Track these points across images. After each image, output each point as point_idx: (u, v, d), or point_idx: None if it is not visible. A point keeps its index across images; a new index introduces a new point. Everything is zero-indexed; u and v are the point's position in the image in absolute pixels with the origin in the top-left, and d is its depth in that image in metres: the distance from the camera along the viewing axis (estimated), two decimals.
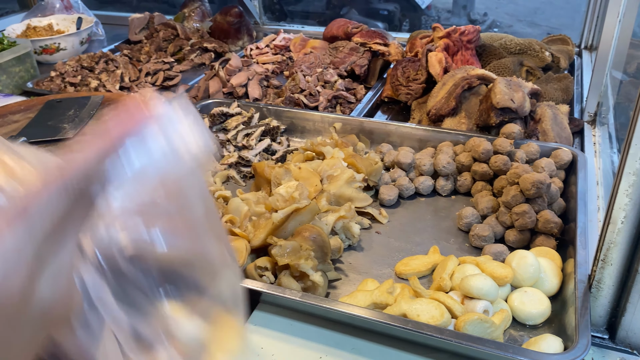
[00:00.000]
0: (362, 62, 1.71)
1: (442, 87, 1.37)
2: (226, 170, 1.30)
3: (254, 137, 1.37)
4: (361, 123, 1.37)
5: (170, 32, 2.05)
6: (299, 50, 1.91)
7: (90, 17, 2.15)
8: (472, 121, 1.31)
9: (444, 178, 1.18)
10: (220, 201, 1.14)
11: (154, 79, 1.77)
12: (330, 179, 1.13)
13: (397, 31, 5.54)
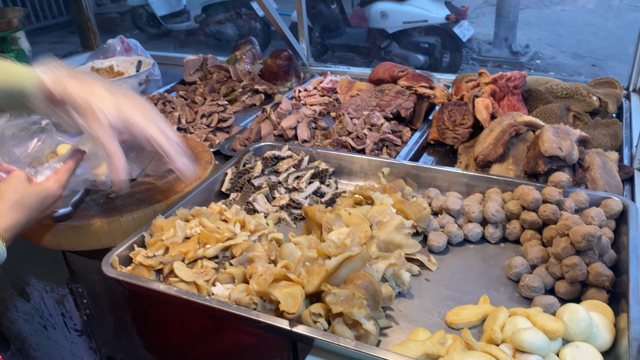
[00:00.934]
0: (408, 105, 1.76)
1: (489, 133, 1.40)
2: (278, 212, 1.35)
3: (304, 180, 1.42)
4: (408, 167, 1.41)
5: (223, 74, 2.15)
6: (346, 92, 1.97)
7: (149, 59, 2.28)
8: (520, 168, 1.33)
9: (492, 226, 1.20)
10: (274, 244, 1.19)
11: (209, 120, 1.86)
12: (380, 225, 1.17)
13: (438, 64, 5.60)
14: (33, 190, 1.07)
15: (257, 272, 1.00)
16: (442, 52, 5.67)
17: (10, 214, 1.02)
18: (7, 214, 1.02)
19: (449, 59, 5.77)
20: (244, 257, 1.13)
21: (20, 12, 2.22)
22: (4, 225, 1.00)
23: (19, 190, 1.05)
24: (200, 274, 1.06)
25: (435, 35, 5.61)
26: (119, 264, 1.12)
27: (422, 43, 5.66)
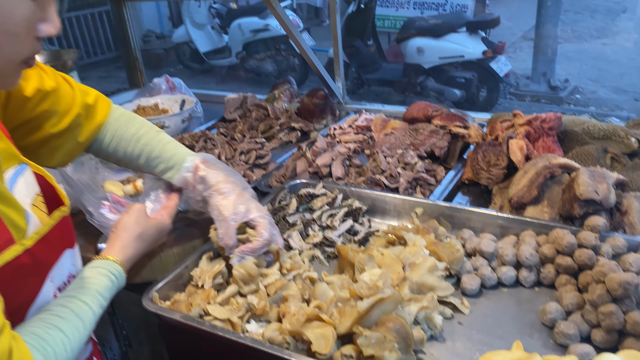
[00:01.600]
0: (442, 144, 1.77)
1: (523, 175, 1.40)
2: (311, 250, 1.38)
3: (337, 218, 1.45)
4: (442, 208, 1.41)
5: (262, 112, 2.22)
6: (380, 130, 2.00)
7: (192, 97, 2.38)
8: (555, 210, 1.32)
9: (527, 269, 1.19)
10: (307, 282, 1.21)
11: (247, 157, 1.92)
12: (413, 266, 1.18)
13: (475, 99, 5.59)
14: (152, 223, 1.16)
15: (290, 311, 1.03)
16: (479, 87, 5.67)
17: (133, 246, 1.10)
18: (130, 246, 1.10)
19: (485, 94, 5.76)
20: (278, 295, 1.15)
21: (74, 54, 2.37)
22: (127, 256, 1.08)
23: (141, 223, 1.13)
24: (234, 311, 1.09)
25: (471, 70, 5.63)
26: (159, 298, 1.16)
27: (458, 78, 5.68)
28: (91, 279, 0.97)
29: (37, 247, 0.85)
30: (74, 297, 0.91)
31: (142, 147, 1.26)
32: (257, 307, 1.09)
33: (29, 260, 0.84)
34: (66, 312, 0.87)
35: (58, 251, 0.95)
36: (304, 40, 2.24)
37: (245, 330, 1.09)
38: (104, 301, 0.96)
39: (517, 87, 6.55)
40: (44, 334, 0.81)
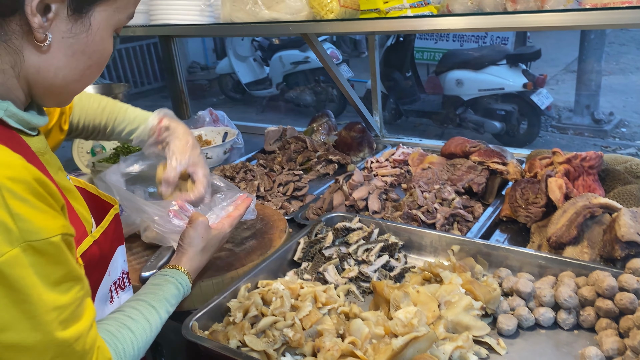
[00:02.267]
0: (480, 180, 1.77)
1: (562, 214, 1.38)
2: (347, 284, 1.39)
3: (373, 253, 1.46)
4: (479, 245, 1.41)
5: (300, 144, 2.28)
6: (417, 165, 2.02)
7: (234, 130, 2.46)
8: (596, 251, 1.30)
9: (565, 311, 1.17)
10: (342, 317, 1.23)
11: (285, 189, 1.96)
12: (448, 305, 1.18)
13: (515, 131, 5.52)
14: (214, 235, 1.30)
15: (325, 346, 1.04)
16: (520, 119, 5.62)
17: (197, 258, 1.25)
18: (195, 258, 1.25)
19: (526, 127, 5.69)
20: (314, 329, 1.17)
21: (125, 88, 2.51)
22: (192, 268, 1.23)
23: (205, 236, 1.27)
24: (270, 343, 1.11)
25: (512, 102, 5.59)
26: (198, 328, 1.20)
27: (498, 110, 5.64)
28: (161, 285, 1.11)
29: (101, 239, 0.99)
30: (145, 301, 1.04)
31: (107, 116, 1.44)
32: (293, 340, 1.11)
33: (97, 252, 0.98)
34: (136, 314, 0.99)
35: (114, 246, 1.09)
36: (341, 73, 2.30)
37: None
38: (171, 307, 1.10)
39: (559, 119, 6.44)
40: (117, 332, 0.93)
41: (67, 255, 0.78)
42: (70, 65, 0.86)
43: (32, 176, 0.75)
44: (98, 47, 0.88)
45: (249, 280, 1.35)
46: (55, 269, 0.76)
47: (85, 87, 0.94)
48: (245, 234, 1.60)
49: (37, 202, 0.75)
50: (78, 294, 0.81)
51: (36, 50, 0.82)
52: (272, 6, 1.90)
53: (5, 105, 0.83)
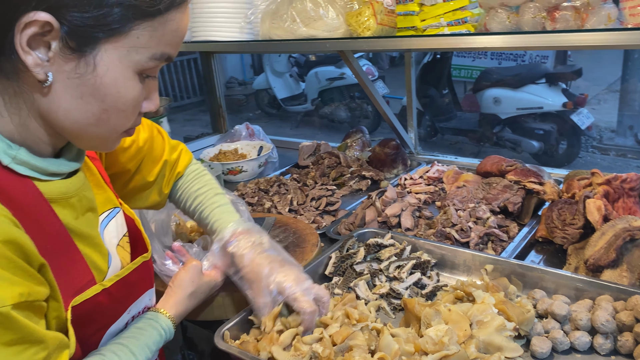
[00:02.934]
0: (516, 200, 1.75)
1: (601, 236, 1.35)
2: (378, 300, 1.39)
3: (405, 270, 1.46)
4: (514, 266, 1.38)
5: (334, 160, 2.29)
6: (452, 182, 2.01)
7: (269, 144, 2.50)
8: (635, 275, 1.26)
9: (602, 336, 1.14)
10: (374, 333, 1.22)
11: (317, 203, 1.98)
12: (480, 324, 1.16)
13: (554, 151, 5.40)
14: (205, 281, 1.24)
15: None
16: (559, 139, 5.49)
17: (185, 303, 1.19)
18: (182, 303, 1.18)
19: (565, 147, 5.56)
20: (345, 344, 1.17)
21: (167, 102, 2.58)
22: (178, 312, 1.16)
23: (196, 281, 1.21)
24: (298, 357, 1.12)
25: (551, 122, 5.48)
26: (229, 337, 1.22)
27: (536, 129, 5.54)
28: (143, 330, 1.05)
29: (115, 288, 0.96)
30: (126, 346, 0.99)
31: (196, 205, 1.36)
32: (322, 356, 1.11)
33: (106, 299, 0.94)
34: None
35: (138, 292, 1.06)
36: (376, 89, 2.31)
37: None
38: (150, 354, 1.04)
39: (600, 140, 6.27)
40: None
41: (19, 323, 0.75)
42: (81, 109, 0.80)
43: (2, 238, 0.73)
44: (110, 90, 0.80)
45: None
46: (5, 334, 0.74)
47: (114, 134, 0.88)
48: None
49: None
50: (35, 356, 0.78)
51: (40, 91, 0.78)
52: (310, 24, 1.94)
53: (14, 152, 0.80)
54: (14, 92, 0.79)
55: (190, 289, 1.20)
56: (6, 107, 0.80)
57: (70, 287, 0.87)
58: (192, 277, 1.21)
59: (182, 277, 1.21)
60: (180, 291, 1.19)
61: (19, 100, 0.80)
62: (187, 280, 1.21)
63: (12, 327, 0.74)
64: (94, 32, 0.75)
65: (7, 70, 0.77)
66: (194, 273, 1.22)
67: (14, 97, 0.79)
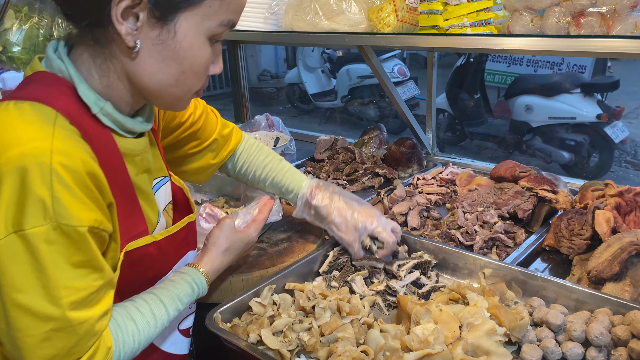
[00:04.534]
0: (527, 207, 1.71)
1: (606, 248, 1.32)
2: (374, 296, 1.39)
3: (404, 269, 1.45)
4: (516, 272, 1.36)
5: (349, 155, 2.29)
6: (464, 185, 1.98)
7: (287, 136, 2.51)
8: (638, 290, 1.22)
9: (596, 349, 1.11)
10: (365, 327, 1.22)
11: None
12: (470, 327, 1.15)
13: (585, 164, 5.26)
14: (239, 237, 1.30)
15: (337, 351, 1.05)
16: (591, 151, 5.34)
17: (219, 259, 1.25)
18: (217, 259, 1.24)
19: (597, 160, 5.40)
20: (333, 336, 1.17)
21: None
22: (213, 268, 1.23)
23: (229, 237, 1.27)
24: (285, 343, 1.13)
25: (583, 133, 5.33)
26: (221, 320, 1.23)
27: (568, 140, 5.40)
28: (176, 283, 1.11)
29: (164, 242, 1.07)
30: (156, 295, 1.05)
31: (267, 173, 1.51)
32: (308, 344, 1.12)
33: (155, 251, 1.05)
34: (145, 307, 1.01)
35: (183, 251, 1.16)
36: (396, 90, 2.30)
37: None
38: (182, 306, 1.10)
39: (634, 155, 6.07)
40: (121, 322, 0.96)
41: (90, 245, 0.85)
42: (163, 71, 0.93)
43: (85, 169, 0.84)
44: (187, 54, 0.92)
45: (276, 281, 1.37)
46: (77, 253, 0.83)
47: (189, 94, 1.00)
48: (281, 236, 1.63)
49: (79, 192, 0.83)
50: (95, 282, 0.87)
51: (129, 56, 0.91)
52: (332, 17, 1.94)
53: (102, 104, 0.93)
54: (105, 57, 0.92)
55: (225, 246, 1.26)
56: (96, 70, 0.93)
57: (128, 232, 0.97)
58: (225, 234, 1.27)
59: (216, 235, 1.27)
60: (215, 248, 1.25)
61: (109, 65, 0.93)
62: (220, 237, 1.26)
63: (83, 249, 0.84)
64: (175, 3, 0.88)
65: (100, 39, 0.90)
66: (227, 230, 1.28)
67: (104, 62, 0.93)
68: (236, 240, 1.29)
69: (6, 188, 0.78)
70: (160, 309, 1.03)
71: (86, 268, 0.86)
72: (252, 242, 1.35)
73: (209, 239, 1.27)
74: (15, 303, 0.80)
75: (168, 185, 1.17)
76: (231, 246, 1.27)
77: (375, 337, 1.11)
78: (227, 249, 1.26)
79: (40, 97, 0.86)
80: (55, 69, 0.92)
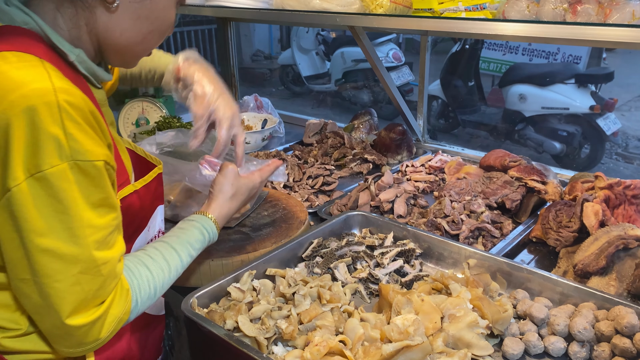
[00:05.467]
0: (515, 197, 1.69)
1: (594, 241, 1.29)
2: (356, 283, 1.36)
3: (387, 257, 1.42)
4: (501, 263, 1.34)
5: (338, 140, 2.25)
6: (453, 173, 1.95)
7: (275, 118, 2.47)
8: (624, 285, 1.20)
9: (578, 344, 1.09)
10: (345, 316, 1.19)
11: (314, 182, 1.95)
12: (452, 318, 1.12)
13: (576, 155, 5.25)
14: (243, 182, 1.28)
15: (314, 341, 1.02)
16: (582, 142, 5.33)
17: (227, 205, 1.24)
18: (224, 205, 1.24)
19: (589, 151, 5.40)
20: (312, 324, 1.14)
21: None
22: (221, 215, 1.22)
23: (235, 184, 1.26)
24: (262, 330, 1.10)
25: (575, 124, 5.31)
26: (197, 305, 1.20)
27: (560, 131, 5.37)
28: (185, 230, 1.12)
29: (142, 191, 1.06)
30: (167, 243, 1.06)
31: (140, 64, 1.41)
32: (285, 332, 1.09)
33: (137, 202, 1.04)
34: (156, 254, 1.02)
35: (155, 204, 1.15)
36: (388, 75, 2.25)
37: (272, 351, 1.10)
38: (194, 252, 1.11)
39: (625, 148, 6.08)
40: (134, 268, 0.96)
41: (106, 182, 0.86)
42: (134, 28, 0.95)
43: (88, 107, 0.83)
44: (160, 14, 0.97)
45: (258, 266, 1.34)
46: (95, 191, 0.84)
47: (148, 51, 1.03)
48: (264, 221, 1.60)
49: (88, 128, 0.83)
50: (113, 221, 0.88)
51: (106, 10, 0.92)
52: None
53: (77, 51, 0.92)
54: (77, 9, 0.91)
55: (231, 192, 1.25)
56: (65, 21, 0.92)
57: (117, 179, 0.95)
58: (230, 180, 1.25)
59: (221, 181, 1.25)
60: (221, 195, 1.24)
61: (81, 17, 0.92)
62: (226, 184, 1.25)
63: (101, 185, 0.84)
64: None
65: None
66: (232, 176, 1.26)
67: (76, 14, 0.92)
68: (241, 185, 1.27)
69: (15, 131, 0.76)
70: (172, 255, 1.04)
71: (104, 207, 0.86)
72: (256, 189, 1.33)
73: (214, 186, 1.25)
74: (41, 248, 0.79)
75: None
76: (237, 192, 1.26)
77: (354, 326, 1.08)
78: (234, 194, 1.25)
79: (18, 47, 0.84)
80: (17, 22, 0.89)
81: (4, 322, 0.90)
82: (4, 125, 0.77)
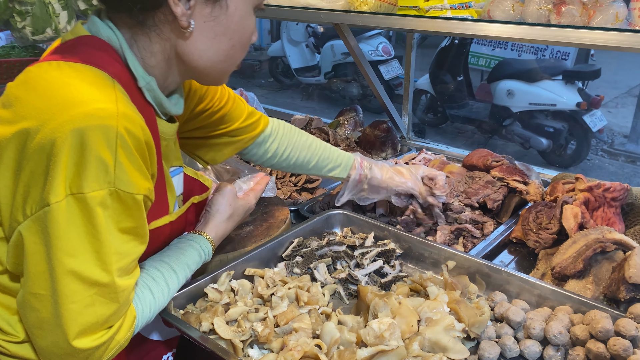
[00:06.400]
0: (497, 197, 1.69)
1: (572, 244, 1.30)
2: (335, 284, 1.35)
3: (367, 257, 1.42)
4: (480, 265, 1.34)
5: (323, 137, 2.24)
6: None
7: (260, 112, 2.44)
8: (600, 289, 1.21)
9: (553, 348, 1.09)
10: (323, 317, 1.19)
11: (297, 179, 1.93)
12: (429, 322, 1.12)
13: (562, 151, 5.28)
14: (240, 204, 1.30)
15: (289, 345, 1.01)
16: (568, 139, 5.36)
17: (223, 226, 1.25)
18: (221, 226, 1.25)
19: (575, 147, 5.43)
20: (289, 326, 1.13)
21: None
22: (218, 235, 1.24)
23: (232, 204, 1.27)
24: (238, 333, 1.09)
25: (562, 120, 5.34)
26: (173, 306, 1.19)
27: (547, 127, 5.40)
28: (184, 251, 1.13)
29: (176, 222, 1.10)
30: (167, 264, 1.06)
31: (313, 152, 1.49)
32: (261, 335, 1.08)
33: (168, 230, 1.08)
34: (158, 276, 1.02)
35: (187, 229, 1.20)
36: (372, 70, 2.24)
37: (247, 354, 1.09)
38: (189, 273, 1.13)
39: (611, 144, 6.13)
40: (140, 292, 0.97)
41: (142, 213, 0.87)
42: (214, 47, 0.94)
43: (145, 137, 0.84)
44: (237, 27, 0.95)
45: (236, 266, 1.33)
46: (128, 220, 0.84)
47: (233, 66, 1.02)
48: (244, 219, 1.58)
49: (139, 161, 0.84)
50: (136, 248, 0.88)
51: (181, 36, 0.92)
52: None
53: (149, 79, 0.93)
54: (150, 39, 0.92)
55: (228, 212, 1.25)
56: (139, 50, 0.93)
57: (154, 210, 0.98)
58: (228, 200, 1.26)
59: (218, 201, 1.25)
60: (218, 215, 1.24)
61: (156, 46, 0.93)
62: (223, 204, 1.25)
63: (135, 216, 0.85)
64: None
65: (147, 21, 0.90)
66: (230, 196, 1.26)
67: (151, 44, 0.92)
68: (238, 207, 1.28)
69: (66, 148, 0.76)
70: (172, 278, 1.05)
71: (131, 234, 0.86)
72: (251, 210, 1.35)
73: (211, 206, 1.25)
74: (67, 268, 0.79)
75: (181, 176, 1.17)
76: (234, 213, 1.27)
77: (330, 329, 1.08)
78: (231, 215, 1.26)
79: (93, 61, 0.84)
80: (103, 36, 0.90)
81: (3, 324, 0.91)
82: (59, 139, 0.76)
